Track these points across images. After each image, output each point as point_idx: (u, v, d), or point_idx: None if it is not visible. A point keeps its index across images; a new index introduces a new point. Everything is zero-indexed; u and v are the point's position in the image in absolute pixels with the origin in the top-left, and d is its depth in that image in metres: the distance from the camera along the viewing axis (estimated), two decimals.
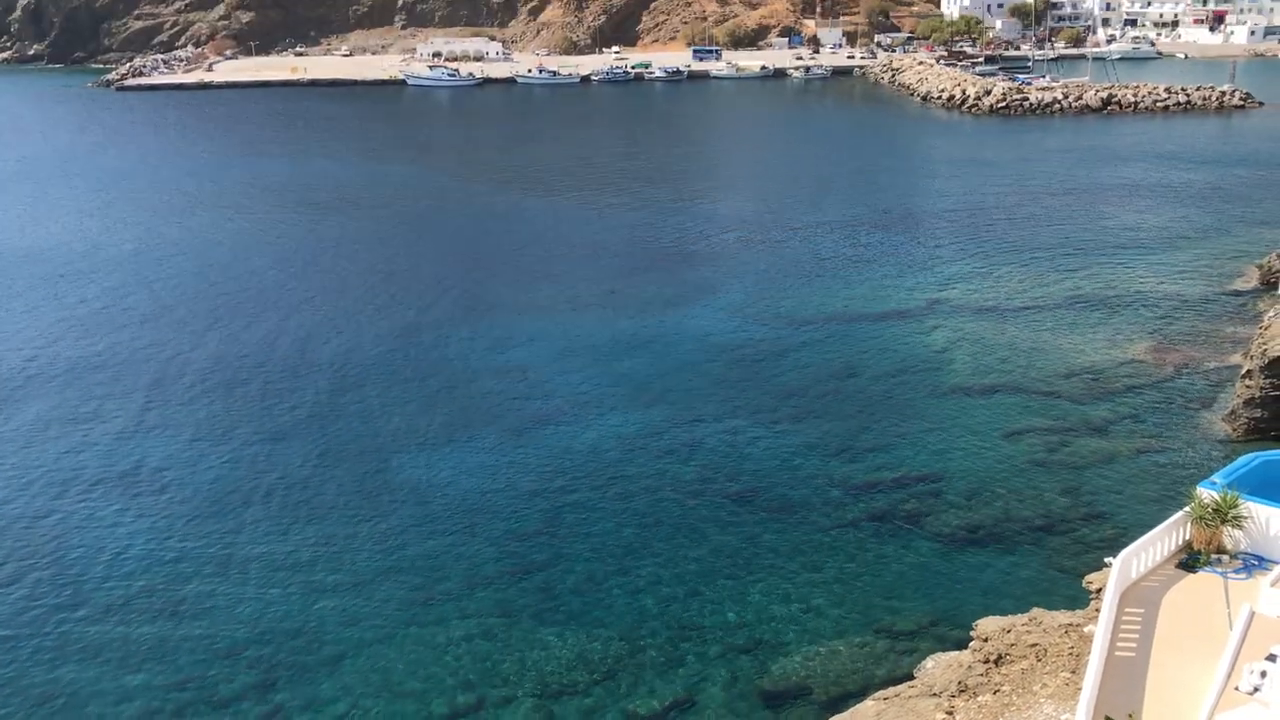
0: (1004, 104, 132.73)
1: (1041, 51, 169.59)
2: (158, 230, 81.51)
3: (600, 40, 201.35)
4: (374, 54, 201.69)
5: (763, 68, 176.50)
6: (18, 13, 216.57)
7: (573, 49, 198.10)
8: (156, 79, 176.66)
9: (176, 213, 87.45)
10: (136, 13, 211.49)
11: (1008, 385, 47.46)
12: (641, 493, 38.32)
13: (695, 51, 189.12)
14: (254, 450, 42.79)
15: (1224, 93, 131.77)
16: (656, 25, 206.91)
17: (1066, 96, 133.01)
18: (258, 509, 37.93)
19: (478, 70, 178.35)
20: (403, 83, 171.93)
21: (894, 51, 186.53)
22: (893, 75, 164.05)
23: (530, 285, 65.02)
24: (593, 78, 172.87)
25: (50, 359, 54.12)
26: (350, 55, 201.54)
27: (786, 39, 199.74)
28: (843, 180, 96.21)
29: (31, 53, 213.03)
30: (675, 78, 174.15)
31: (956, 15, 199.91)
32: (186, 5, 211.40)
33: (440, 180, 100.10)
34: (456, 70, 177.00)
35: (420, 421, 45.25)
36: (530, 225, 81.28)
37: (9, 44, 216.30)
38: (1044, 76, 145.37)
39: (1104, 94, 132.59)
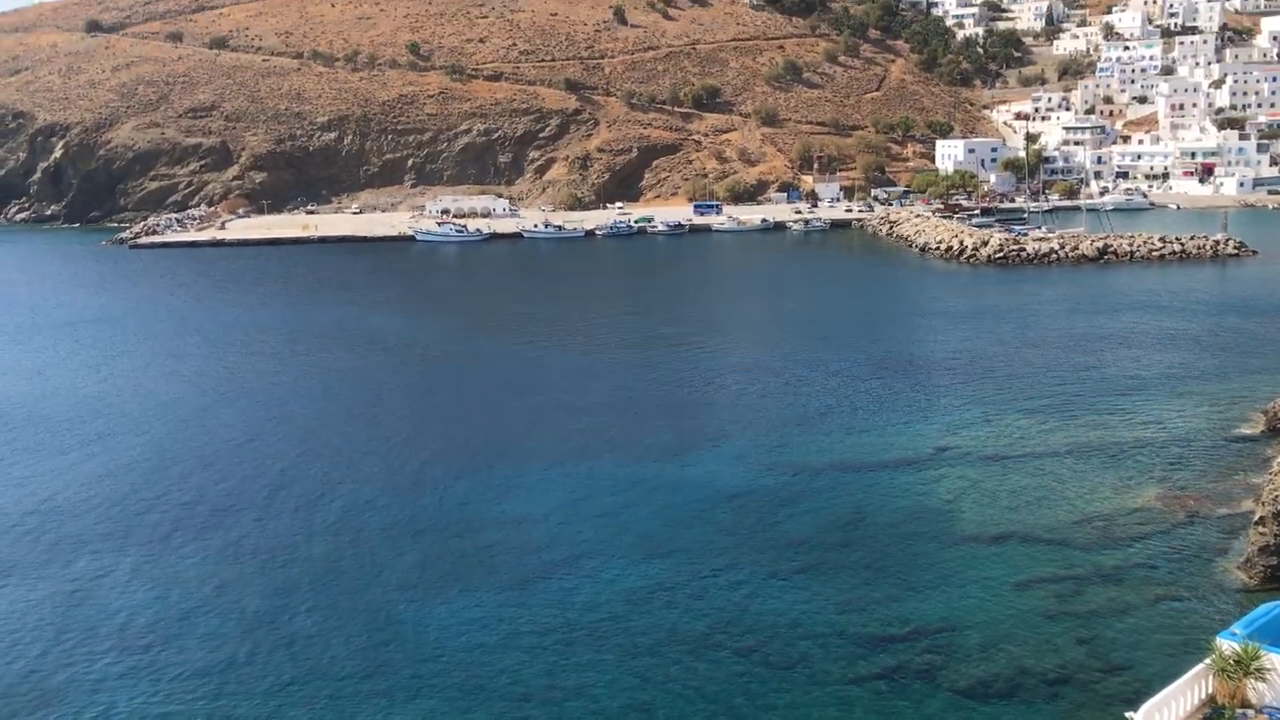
0: (1001, 254, 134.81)
1: (1036, 203, 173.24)
2: (160, 383, 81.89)
3: (604, 196, 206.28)
4: (384, 211, 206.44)
5: (763, 221, 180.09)
6: (38, 175, 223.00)
7: (577, 205, 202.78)
8: (170, 237, 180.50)
9: (181, 365, 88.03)
10: (153, 173, 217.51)
11: (1016, 534, 46.81)
12: (645, 650, 37.39)
13: (696, 206, 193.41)
14: (246, 604, 42.01)
15: (1218, 242, 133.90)
16: (658, 181, 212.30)
17: (1063, 246, 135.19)
18: (248, 668, 37.00)
19: (485, 226, 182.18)
20: (411, 238, 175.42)
21: (891, 205, 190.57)
22: (890, 227, 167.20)
23: (533, 434, 64.90)
24: (597, 232, 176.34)
25: (39, 509, 53.68)
26: (360, 213, 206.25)
27: (785, 194, 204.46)
28: (845, 329, 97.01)
29: (49, 212, 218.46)
30: (677, 231, 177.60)
31: (951, 170, 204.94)
32: (202, 166, 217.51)
33: (447, 331, 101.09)
34: (464, 226, 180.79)
35: (419, 575, 44.53)
36: (535, 374, 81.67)
37: (28, 204, 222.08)
38: (1040, 227, 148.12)
39: (1100, 244, 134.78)
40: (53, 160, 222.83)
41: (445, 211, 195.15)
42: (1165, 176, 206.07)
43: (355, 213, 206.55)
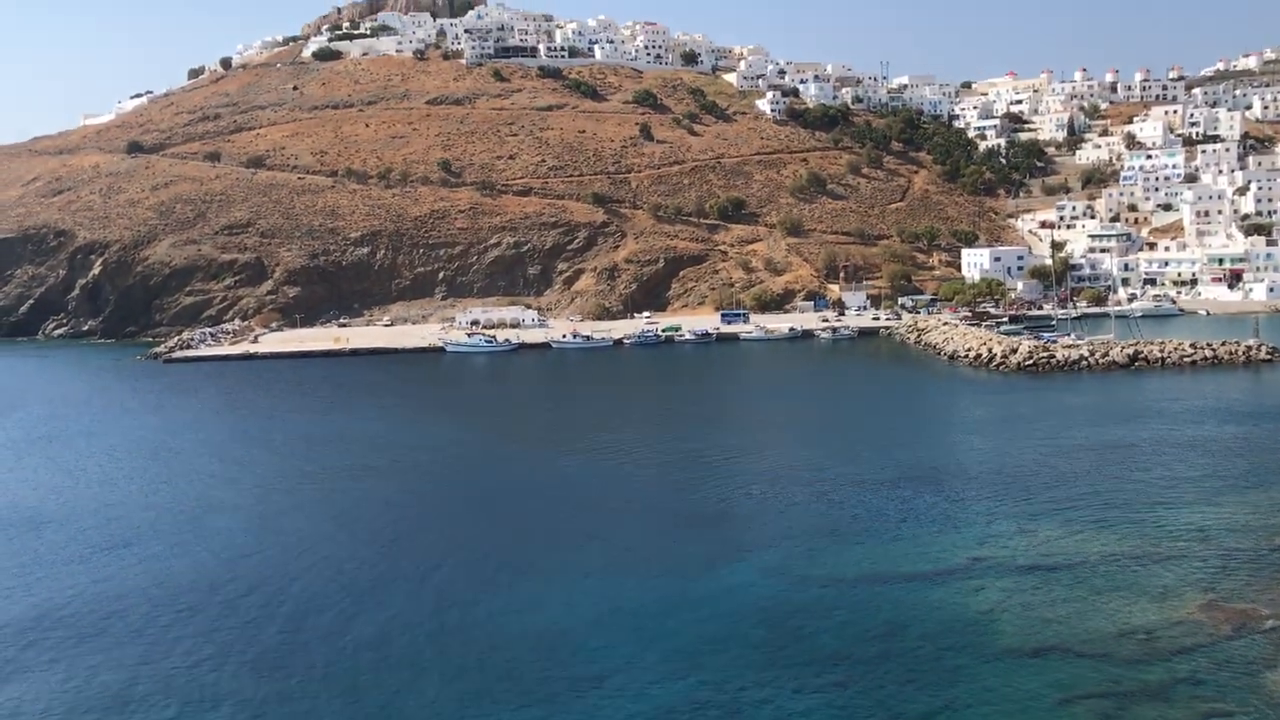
0: (1031, 361, 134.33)
1: (1064, 310, 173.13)
2: (181, 495, 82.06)
3: (631, 306, 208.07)
4: (414, 323, 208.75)
5: (790, 329, 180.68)
6: (76, 291, 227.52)
7: (605, 315, 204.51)
8: (203, 351, 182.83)
9: (208, 477, 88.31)
10: (188, 289, 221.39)
11: (1056, 647, 45.68)
12: None
13: (724, 315, 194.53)
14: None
15: (1250, 347, 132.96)
16: (685, 291, 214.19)
17: (1093, 353, 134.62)
18: None
19: (514, 336, 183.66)
20: (441, 350, 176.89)
21: (918, 313, 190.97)
22: (918, 335, 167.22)
23: (561, 546, 64.39)
24: (625, 341, 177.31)
25: (53, 621, 53.42)
26: (392, 325, 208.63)
27: (812, 302, 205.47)
28: (874, 436, 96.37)
29: (86, 328, 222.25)
30: (705, 340, 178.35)
31: (977, 278, 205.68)
32: (236, 281, 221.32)
33: (474, 441, 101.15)
34: (493, 337, 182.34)
35: (445, 693, 43.81)
36: (563, 484, 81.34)
37: (65, 320, 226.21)
38: (1069, 334, 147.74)
39: (1130, 350, 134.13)
40: (91, 277, 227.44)
41: (474, 323, 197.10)
42: (1193, 283, 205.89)
43: (387, 325, 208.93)
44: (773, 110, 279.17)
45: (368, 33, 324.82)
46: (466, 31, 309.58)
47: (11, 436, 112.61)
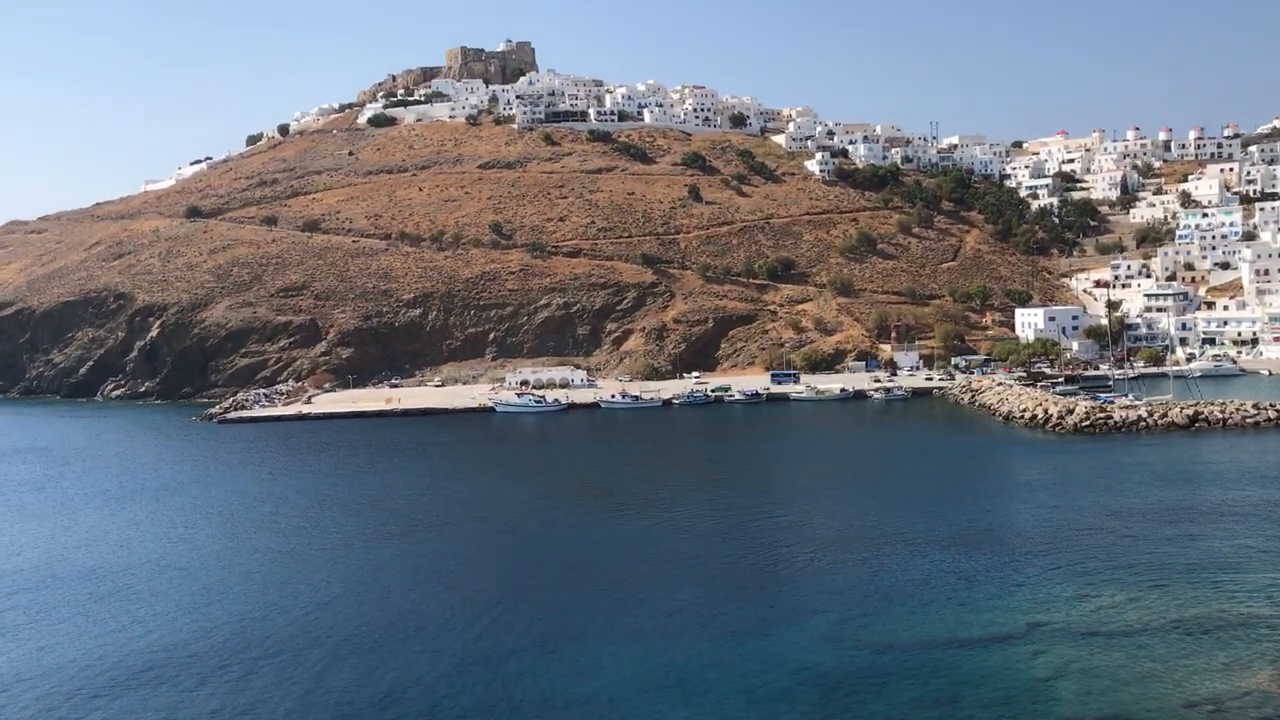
0: (1088, 422, 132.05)
1: (1121, 370, 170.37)
2: (234, 552, 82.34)
3: (680, 366, 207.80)
4: (465, 384, 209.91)
5: (842, 390, 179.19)
6: (134, 353, 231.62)
7: (654, 375, 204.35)
8: (257, 411, 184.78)
9: (259, 534, 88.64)
10: (243, 350, 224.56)
11: (1119, 717, 44.12)
12: None
13: (774, 375, 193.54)
14: None
15: None
16: (735, 351, 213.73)
17: (1151, 414, 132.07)
18: None
19: (563, 396, 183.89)
20: (491, 410, 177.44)
21: (972, 373, 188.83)
22: (973, 396, 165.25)
23: (613, 608, 63.63)
24: (674, 401, 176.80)
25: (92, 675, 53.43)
26: (443, 385, 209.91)
27: (864, 362, 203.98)
28: (929, 498, 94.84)
29: (143, 389, 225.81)
30: (755, 400, 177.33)
31: (1031, 338, 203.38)
32: (291, 342, 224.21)
33: (523, 501, 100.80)
34: (543, 397, 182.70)
35: None
36: (613, 544, 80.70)
37: (123, 381, 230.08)
38: (1126, 395, 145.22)
39: (1190, 411, 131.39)
40: (149, 339, 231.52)
41: (524, 383, 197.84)
42: (1254, 342, 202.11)
43: (438, 385, 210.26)
44: (822, 171, 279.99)
45: (422, 99, 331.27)
46: (518, 97, 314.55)
47: (77, 494, 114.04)
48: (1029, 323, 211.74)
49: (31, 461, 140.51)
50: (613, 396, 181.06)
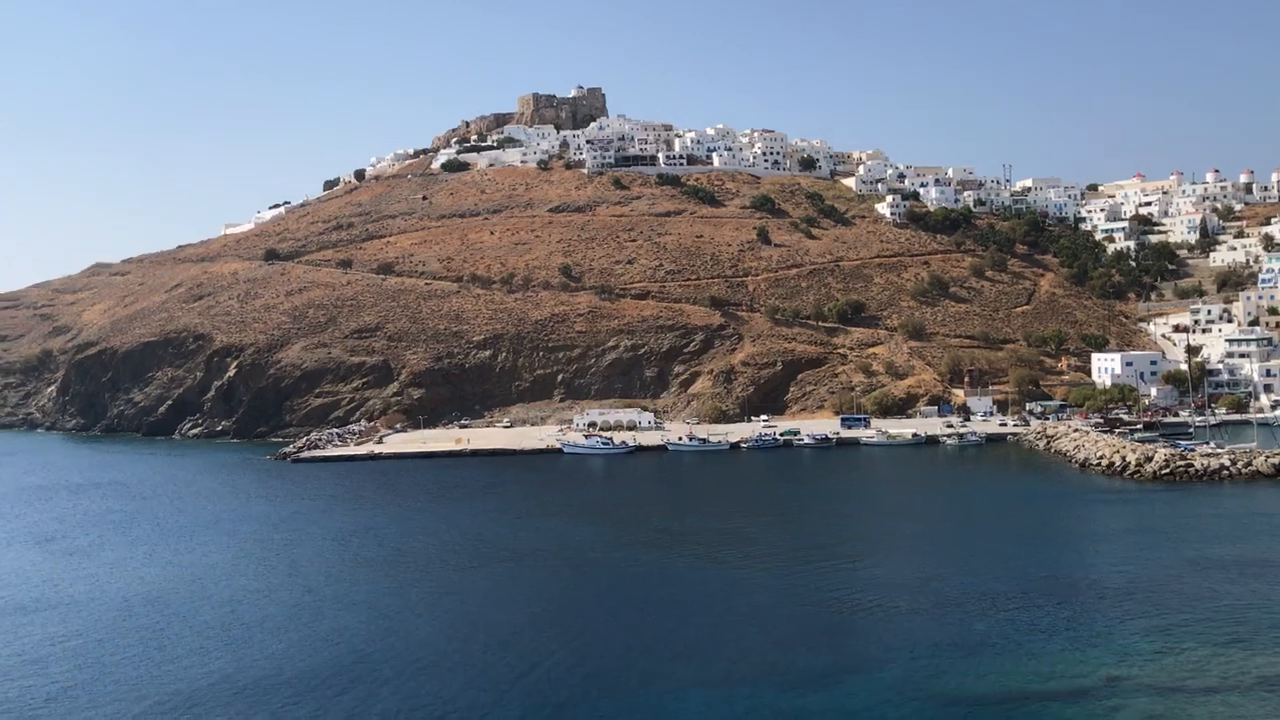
0: (1167, 470, 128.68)
1: (1202, 417, 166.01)
2: (303, 586, 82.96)
3: (748, 409, 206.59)
4: (533, 425, 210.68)
5: (914, 435, 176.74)
6: (212, 392, 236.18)
7: (722, 418, 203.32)
8: (329, 451, 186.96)
9: (330, 570, 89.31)
10: (318, 390, 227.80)
11: None
12: None
13: (844, 419, 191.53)
14: None
15: None
16: (804, 395, 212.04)
17: (1235, 462, 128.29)
18: None
19: (630, 439, 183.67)
20: (559, 451, 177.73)
21: (1047, 419, 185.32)
22: (1048, 442, 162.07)
23: (679, 654, 62.93)
24: (742, 445, 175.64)
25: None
26: (511, 426, 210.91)
27: (936, 407, 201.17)
28: (1003, 546, 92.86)
29: (219, 428, 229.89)
30: (824, 444, 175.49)
31: (1108, 383, 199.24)
32: (364, 383, 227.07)
33: (592, 543, 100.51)
34: (610, 439, 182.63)
35: None
36: (681, 589, 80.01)
37: (201, 420, 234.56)
38: (1208, 443, 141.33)
39: (1276, 460, 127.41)
40: (226, 379, 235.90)
41: (592, 425, 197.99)
42: None
43: (506, 426, 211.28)
44: (892, 213, 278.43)
45: (494, 145, 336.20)
46: (588, 142, 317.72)
47: (159, 528, 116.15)
48: (1106, 368, 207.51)
49: (115, 496, 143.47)
50: (680, 439, 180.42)
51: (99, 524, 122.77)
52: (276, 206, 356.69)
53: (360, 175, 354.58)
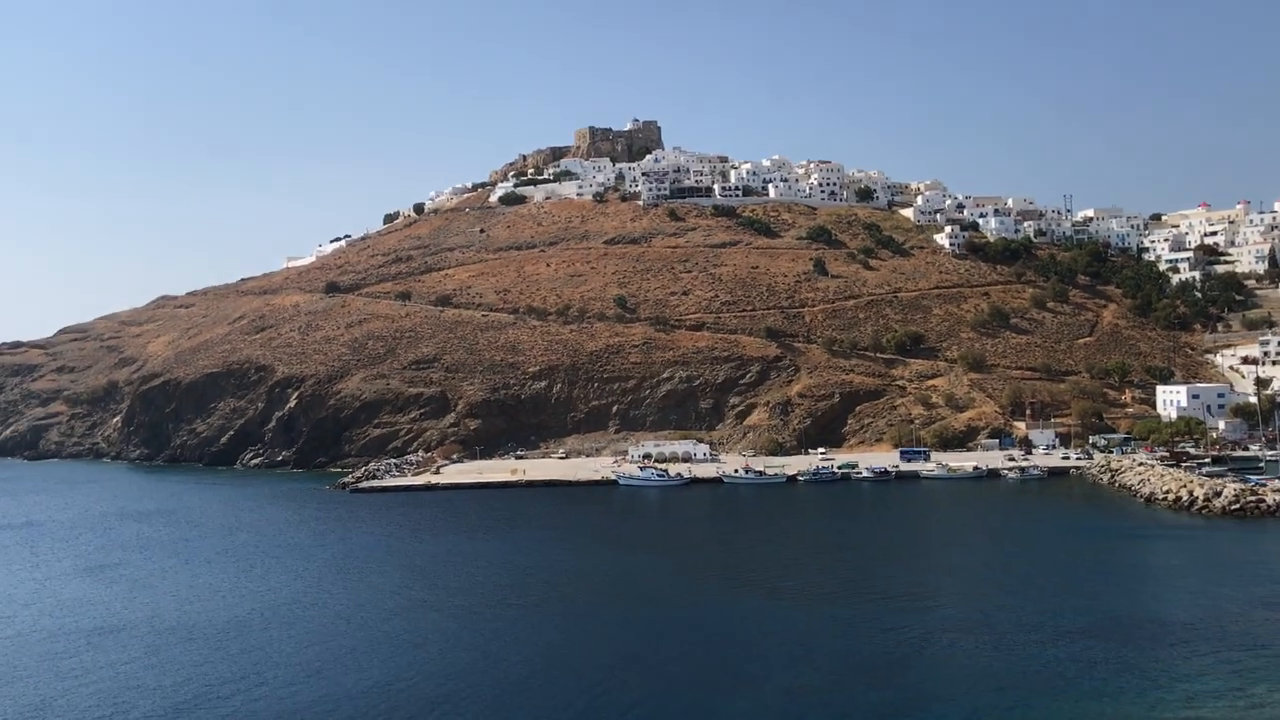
0: (1237, 505, 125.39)
1: (1274, 451, 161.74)
2: (358, 617, 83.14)
3: (805, 442, 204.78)
4: (588, 456, 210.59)
5: (975, 468, 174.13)
6: (273, 423, 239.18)
7: (778, 450, 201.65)
8: (387, 481, 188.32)
9: (383, 600, 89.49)
10: (376, 421, 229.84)
11: None
12: None
13: (903, 452, 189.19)
14: None
15: None
16: (862, 427, 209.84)
17: None
18: None
19: (686, 470, 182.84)
20: (614, 482, 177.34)
21: (1111, 452, 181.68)
22: (1112, 476, 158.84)
23: (734, 687, 62.06)
24: (799, 478, 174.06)
25: None
26: (566, 457, 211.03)
27: (997, 440, 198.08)
28: (1067, 582, 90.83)
29: (280, 458, 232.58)
30: (883, 478, 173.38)
31: (1174, 416, 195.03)
32: (421, 414, 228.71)
33: (647, 576, 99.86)
34: (665, 470, 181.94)
35: None
36: (738, 621, 79.11)
37: (262, 450, 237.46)
38: (1279, 477, 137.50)
39: None
40: (287, 409, 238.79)
41: (647, 456, 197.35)
42: None
43: (561, 457, 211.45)
44: (951, 244, 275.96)
45: (550, 178, 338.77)
46: (644, 174, 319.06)
47: (243, 554, 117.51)
48: (1171, 400, 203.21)
49: (186, 525, 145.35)
50: (736, 471, 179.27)
51: (168, 551, 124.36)
52: (337, 240, 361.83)
53: (419, 209, 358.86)
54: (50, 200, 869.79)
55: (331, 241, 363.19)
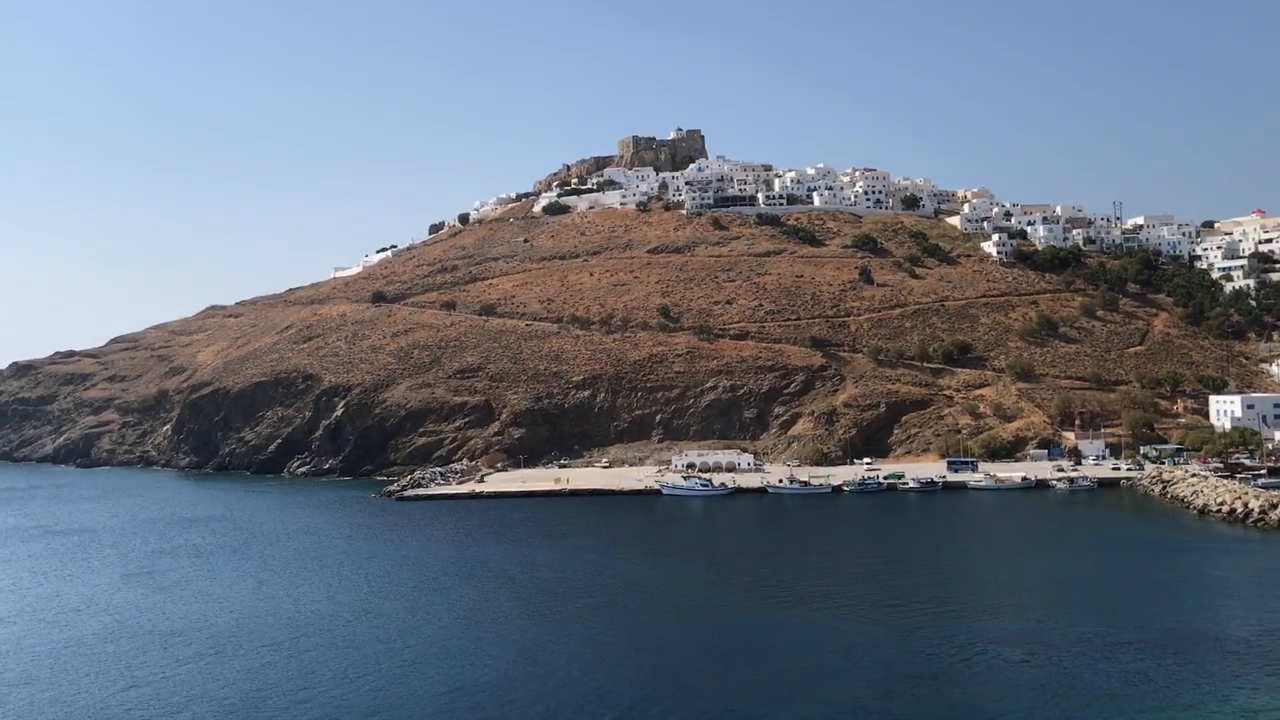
0: None
1: None
2: (414, 623, 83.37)
3: (851, 452, 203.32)
4: (631, 465, 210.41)
5: (1023, 479, 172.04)
6: (319, 431, 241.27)
7: (823, 460, 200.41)
8: (433, 489, 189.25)
9: (436, 608, 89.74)
10: (421, 430, 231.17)
11: None
12: None
13: (950, 463, 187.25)
14: None
15: None
16: (908, 437, 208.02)
17: None
18: None
19: (729, 480, 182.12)
20: (658, 492, 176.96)
21: (1163, 463, 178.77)
22: (1164, 487, 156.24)
23: (782, 699, 61.45)
24: (844, 488, 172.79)
25: None
26: (610, 466, 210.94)
27: (1046, 450, 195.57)
28: (1116, 595, 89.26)
29: (326, 466, 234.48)
30: (930, 488, 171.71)
31: (1228, 426, 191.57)
32: (466, 422, 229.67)
33: (691, 585, 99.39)
34: (709, 480, 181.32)
35: None
36: (781, 632, 78.44)
37: (309, 459, 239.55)
38: None
39: None
40: (334, 418, 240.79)
41: (690, 466, 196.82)
42: None
43: (605, 466, 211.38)
44: (999, 252, 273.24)
45: (594, 187, 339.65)
46: (688, 184, 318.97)
47: (301, 560, 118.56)
48: (1225, 410, 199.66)
49: (239, 532, 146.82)
50: (780, 481, 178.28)
51: (219, 557, 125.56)
52: (384, 250, 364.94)
53: (464, 219, 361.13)
54: (102, 211, 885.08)
55: (378, 252, 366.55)
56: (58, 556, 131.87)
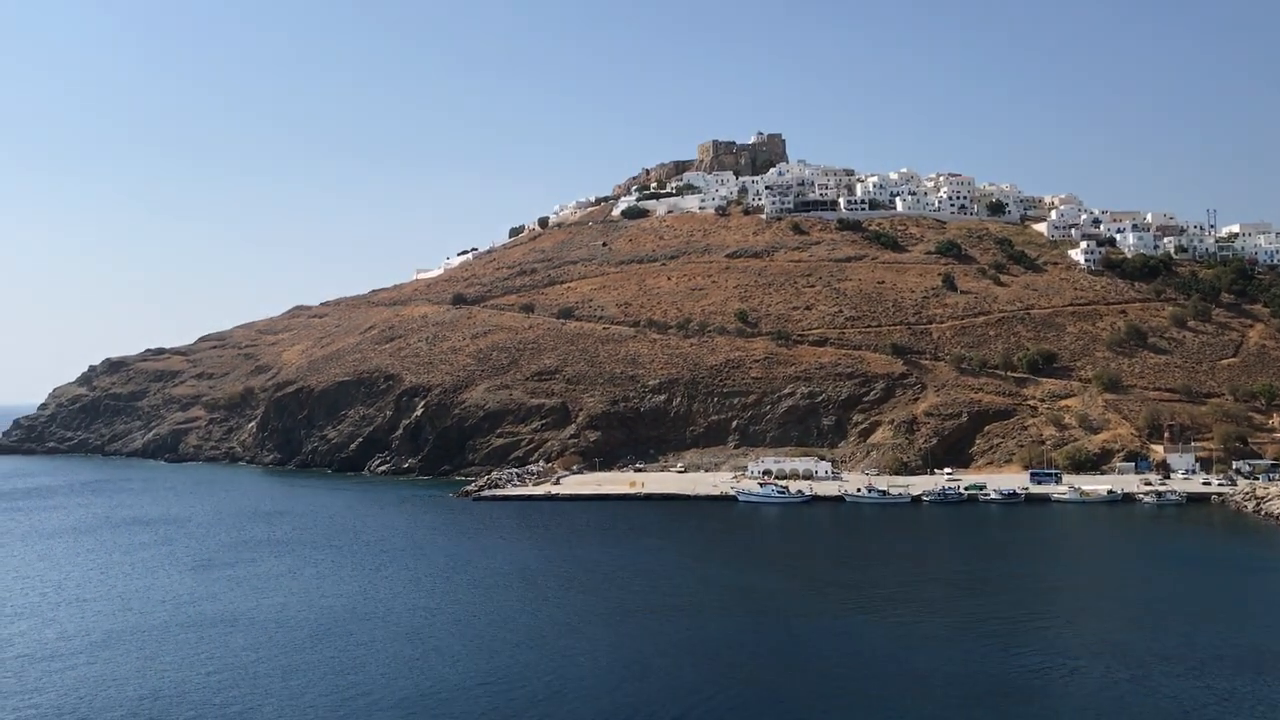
0: None
1: None
2: (478, 621, 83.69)
3: (931, 461, 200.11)
4: (707, 470, 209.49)
5: (1109, 492, 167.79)
6: (399, 431, 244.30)
7: (903, 469, 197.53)
8: (509, 490, 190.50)
9: (515, 606, 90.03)
10: (499, 431, 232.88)
11: None
12: None
13: (1034, 474, 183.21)
14: None
15: None
16: (990, 448, 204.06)
17: None
18: None
19: (806, 488, 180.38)
20: (733, 498, 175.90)
21: (1257, 479, 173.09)
22: (1257, 504, 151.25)
23: (857, 710, 60.39)
24: (923, 498, 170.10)
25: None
26: (685, 471, 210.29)
27: (1133, 464, 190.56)
28: (1207, 613, 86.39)
29: (406, 465, 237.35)
30: (1012, 500, 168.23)
31: None
32: (543, 424, 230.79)
33: (767, 593, 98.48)
34: (785, 487, 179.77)
35: None
36: (857, 643, 77.31)
37: (389, 458, 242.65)
38: None
39: None
40: (414, 418, 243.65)
41: (767, 473, 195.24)
42: None
43: (680, 471, 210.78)
44: (1087, 260, 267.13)
45: (673, 192, 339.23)
46: (767, 188, 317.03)
47: (383, 556, 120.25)
48: None
49: (328, 528, 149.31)
50: (858, 490, 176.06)
51: (301, 551, 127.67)
52: (465, 253, 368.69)
53: (544, 223, 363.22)
54: (196, 215, 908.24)
55: (459, 254, 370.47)
56: (143, 548, 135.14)
